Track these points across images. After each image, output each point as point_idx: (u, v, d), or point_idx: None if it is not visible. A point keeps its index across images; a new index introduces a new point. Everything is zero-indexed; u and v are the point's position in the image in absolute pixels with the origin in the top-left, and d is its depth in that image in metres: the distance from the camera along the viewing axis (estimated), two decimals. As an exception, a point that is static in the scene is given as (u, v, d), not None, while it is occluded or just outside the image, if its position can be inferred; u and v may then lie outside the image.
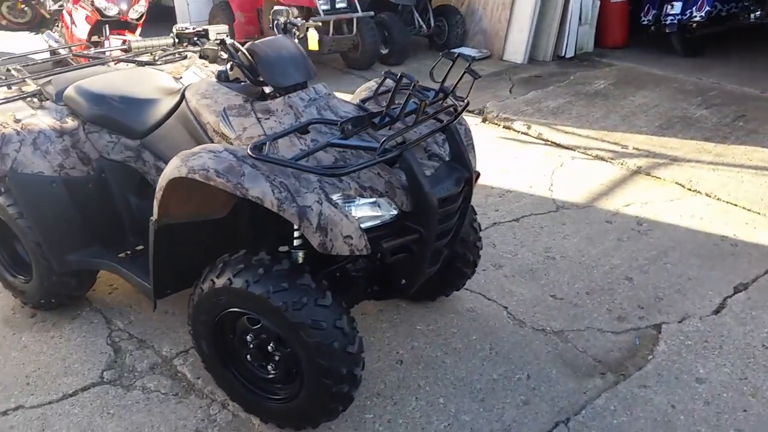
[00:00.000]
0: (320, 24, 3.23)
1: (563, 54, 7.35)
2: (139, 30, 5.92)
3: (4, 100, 2.78)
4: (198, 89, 2.37)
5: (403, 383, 2.56)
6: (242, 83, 2.33)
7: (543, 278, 3.27)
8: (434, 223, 2.09)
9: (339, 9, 6.60)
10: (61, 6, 6.33)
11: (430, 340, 2.81)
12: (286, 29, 2.62)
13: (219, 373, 2.34)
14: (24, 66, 3.16)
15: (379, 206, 2.04)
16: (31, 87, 2.88)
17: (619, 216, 3.91)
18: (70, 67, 3.21)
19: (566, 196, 4.17)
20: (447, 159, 2.29)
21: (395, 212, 2.07)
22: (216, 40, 2.32)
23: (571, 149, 4.96)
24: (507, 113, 5.60)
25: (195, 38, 2.38)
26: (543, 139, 5.17)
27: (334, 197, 1.94)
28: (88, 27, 5.72)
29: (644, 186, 4.31)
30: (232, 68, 2.37)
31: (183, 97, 2.41)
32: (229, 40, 2.31)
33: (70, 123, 2.70)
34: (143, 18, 5.87)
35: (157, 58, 3.19)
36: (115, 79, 2.84)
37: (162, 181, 2.04)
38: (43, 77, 2.92)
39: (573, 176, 4.48)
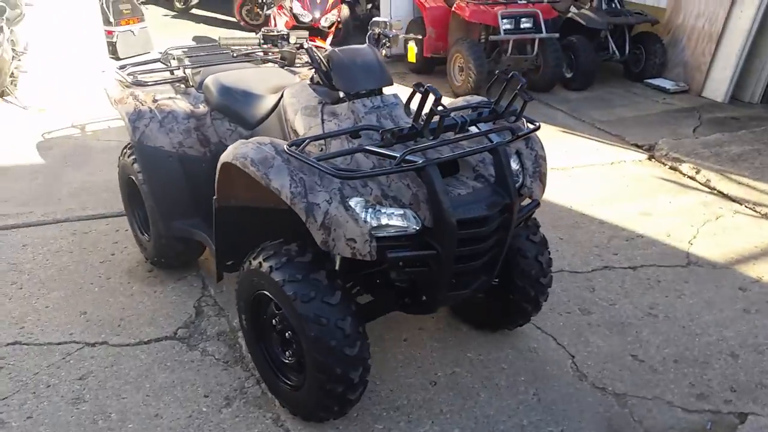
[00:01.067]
0: (419, 37, 3.24)
1: (776, 97, 6.42)
2: (330, 38, 6.45)
3: (155, 82, 3.27)
4: (292, 89, 2.59)
5: (426, 405, 2.52)
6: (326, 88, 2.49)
7: (631, 335, 2.96)
8: (451, 242, 2.05)
9: (524, 29, 6.51)
10: (271, 11, 7.15)
11: (474, 369, 2.71)
12: (378, 40, 2.73)
13: (254, 348, 2.53)
14: (187, 55, 3.66)
15: (404, 217, 2.07)
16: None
17: (759, 285, 3.36)
18: (226, 61, 3.64)
19: (705, 252, 3.68)
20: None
21: (417, 227, 2.08)
22: (295, 43, 2.52)
23: (737, 202, 4.35)
24: (678, 153, 5.07)
25: (279, 40, 2.60)
26: (709, 187, 4.60)
27: (353, 201, 2.01)
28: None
29: (809, 257, 3.64)
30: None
31: (282, 95, 2.65)
32: (307, 45, 2.49)
33: (201, 109, 3.09)
34: (335, 26, 6.39)
35: (236, 54, 3.31)
36: (245, 75, 3.18)
37: (218, 164, 2.28)
38: (198, 67, 3.37)
39: (725, 232, 3.94)
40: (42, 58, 6.61)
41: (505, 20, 6.41)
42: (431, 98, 2.29)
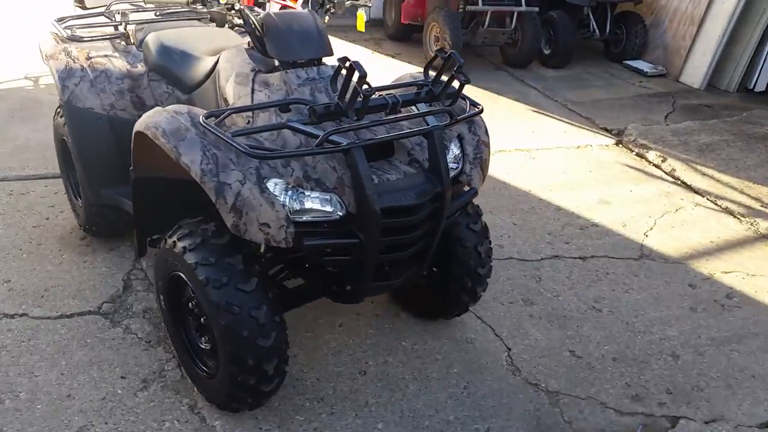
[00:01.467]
0: (369, 5, 3.05)
1: (752, 86, 6.31)
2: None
3: (92, 38, 3.06)
4: (228, 53, 2.41)
5: (352, 396, 2.44)
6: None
7: (572, 329, 2.89)
8: (374, 231, 1.93)
9: (502, 1, 6.32)
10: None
11: (407, 359, 2.63)
12: (322, 5, 2.56)
13: (172, 331, 2.41)
14: (132, 11, 3.42)
15: (328, 202, 1.94)
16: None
17: (710, 282, 3.31)
18: (170, 18, 3.41)
19: (660, 246, 3.61)
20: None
21: (341, 213, 1.95)
22: (226, 3, 2.34)
23: (699, 194, 4.28)
24: (647, 140, 4.97)
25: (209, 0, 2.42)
26: (674, 177, 4.52)
27: (271, 182, 1.88)
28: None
29: (763, 255, 3.59)
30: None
31: (218, 58, 2.48)
32: (239, 6, 2.32)
33: (139, 68, 2.90)
34: None
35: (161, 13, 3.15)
36: (188, 34, 2.97)
37: (133, 131, 2.12)
38: (141, 23, 3.15)
39: (683, 225, 3.87)
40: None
41: (483, -9, 6.22)
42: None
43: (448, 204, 2.10)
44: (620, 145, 5.05)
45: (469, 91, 6.12)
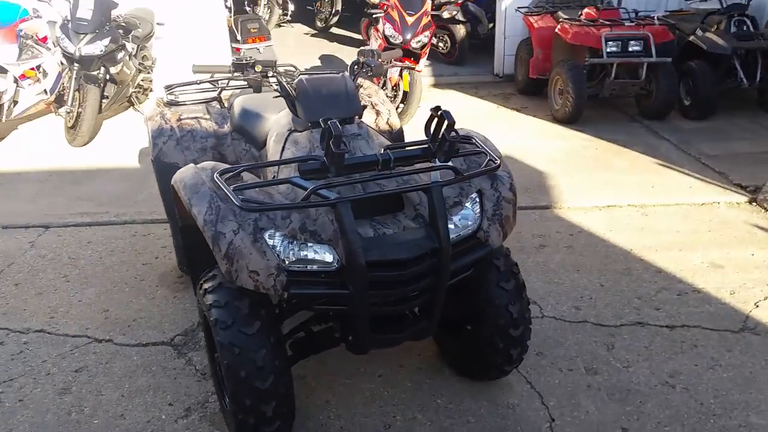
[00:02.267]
0: (407, 64, 3.02)
1: None
2: (423, 59, 6.43)
3: (191, 102, 3.47)
4: (279, 115, 2.64)
5: (370, 447, 2.42)
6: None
7: (633, 405, 2.62)
8: (361, 283, 1.96)
9: (631, 53, 6.02)
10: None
11: (437, 418, 2.56)
12: (361, 68, 2.69)
13: (211, 365, 2.58)
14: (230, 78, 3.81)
15: (323, 253, 2.02)
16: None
17: (823, 366, 2.80)
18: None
19: (770, 319, 3.15)
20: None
21: (336, 264, 2.02)
22: (262, 72, 2.55)
23: (840, 263, 3.66)
24: (788, 199, 4.38)
25: (246, 68, 2.64)
26: (813, 242, 3.92)
27: (268, 233, 2.00)
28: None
29: None
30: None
31: None
32: (272, 73, 2.52)
33: (225, 129, 3.24)
34: (426, 48, 6.36)
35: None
36: (266, 98, 3.27)
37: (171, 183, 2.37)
38: (235, 88, 3.53)
39: (808, 298, 3.34)
40: (171, 72, 7.31)
41: (610, 43, 5.99)
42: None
43: (447, 261, 2.06)
44: (753, 204, 4.50)
45: (592, 143, 5.86)
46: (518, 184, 2.31)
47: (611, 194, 4.64)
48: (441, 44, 9.01)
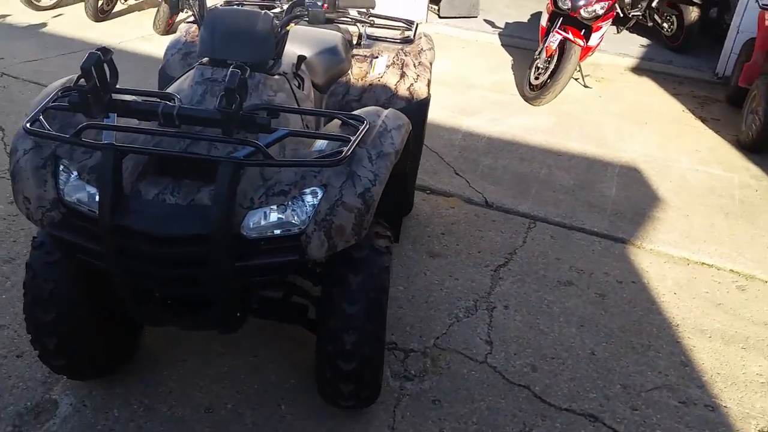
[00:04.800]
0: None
1: None
2: (595, 36, 5.49)
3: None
4: None
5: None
6: None
7: None
8: (107, 245, 1.78)
9: None
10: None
11: (253, 421, 2.29)
12: (294, 11, 2.30)
13: None
14: None
15: (95, 200, 1.85)
16: None
17: None
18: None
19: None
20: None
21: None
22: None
23: None
24: None
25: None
26: None
27: (63, 163, 1.89)
28: (546, 16, 5.71)
29: None
30: None
31: None
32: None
33: None
34: (602, 21, 5.40)
35: None
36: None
37: None
38: None
39: None
40: None
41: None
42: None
43: (222, 254, 1.76)
44: None
45: (760, 183, 4.59)
46: (618, 207, 1.77)
47: (720, 251, 3.60)
48: (666, 24, 7.63)
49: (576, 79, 6.14)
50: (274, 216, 1.85)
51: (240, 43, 2.09)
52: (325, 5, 2.26)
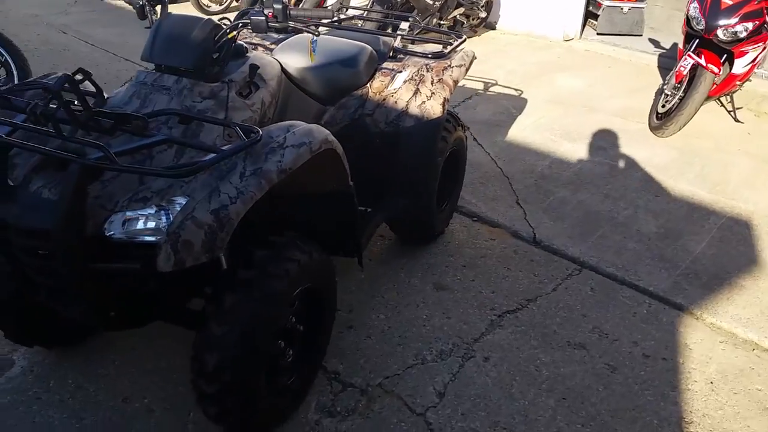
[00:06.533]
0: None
1: None
2: (741, 61, 4.63)
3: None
4: None
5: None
6: None
7: None
8: None
9: None
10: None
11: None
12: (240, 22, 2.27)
13: None
14: None
15: None
16: None
17: None
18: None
19: None
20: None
21: None
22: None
23: None
24: None
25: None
26: None
27: None
28: (681, 38, 4.95)
29: None
30: None
31: None
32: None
33: None
34: (745, 44, 4.54)
35: None
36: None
37: None
38: None
39: None
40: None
41: None
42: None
43: (65, 252, 1.75)
44: None
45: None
46: (696, 267, 1.52)
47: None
48: None
49: (729, 112, 5.29)
50: (140, 223, 1.81)
51: (175, 48, 2.13)
52: (270, 14, 2.20)
